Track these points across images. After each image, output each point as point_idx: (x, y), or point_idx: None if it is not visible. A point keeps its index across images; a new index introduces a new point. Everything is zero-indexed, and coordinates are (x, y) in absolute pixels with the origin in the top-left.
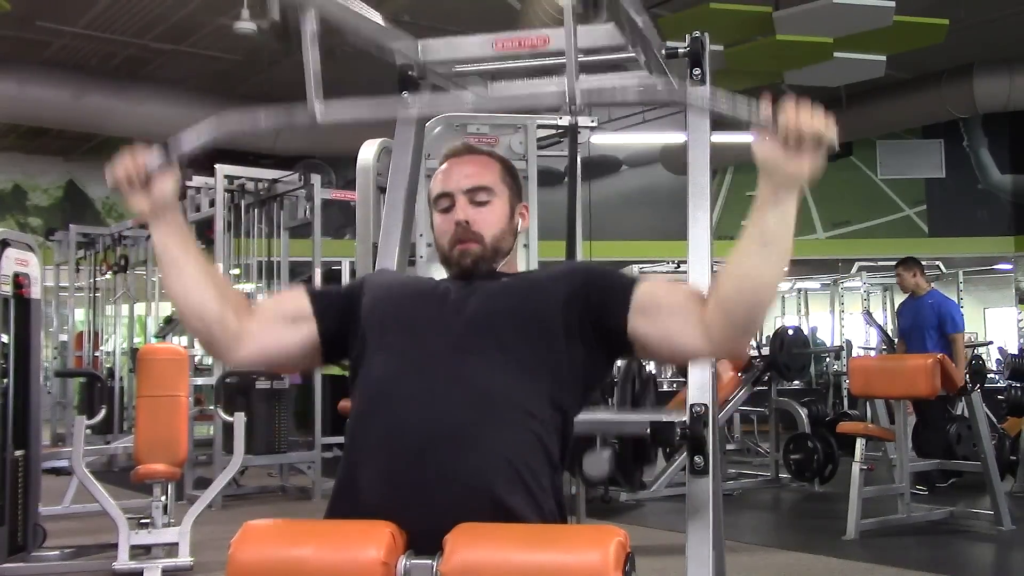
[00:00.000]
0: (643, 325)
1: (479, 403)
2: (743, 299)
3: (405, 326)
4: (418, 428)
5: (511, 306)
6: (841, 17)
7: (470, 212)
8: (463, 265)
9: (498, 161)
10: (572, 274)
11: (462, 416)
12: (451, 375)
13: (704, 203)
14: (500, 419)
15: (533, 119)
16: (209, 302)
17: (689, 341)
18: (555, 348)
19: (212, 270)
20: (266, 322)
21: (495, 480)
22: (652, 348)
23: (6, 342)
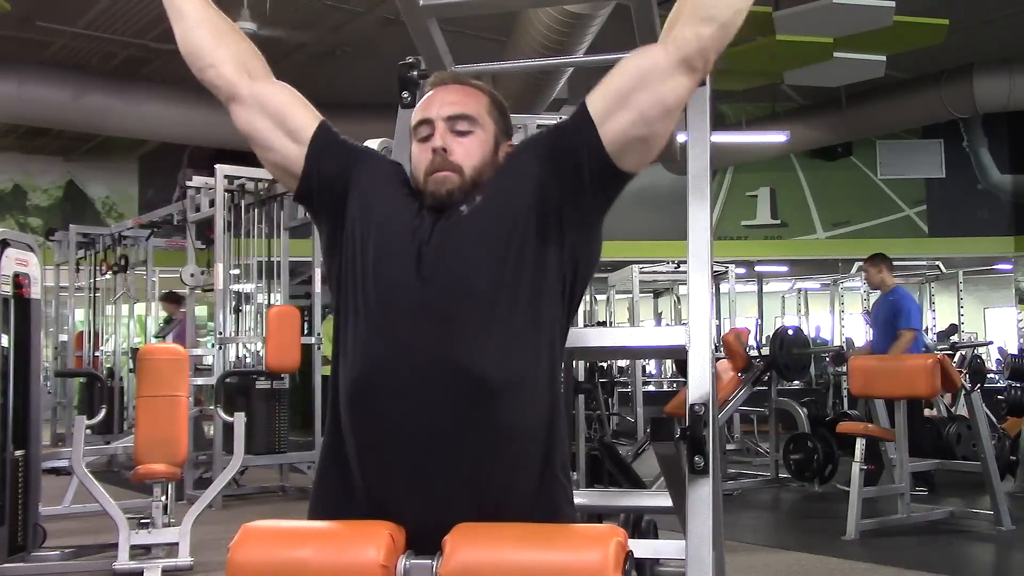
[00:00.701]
0: (618, 128)
1: (474, 393)
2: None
3: (383, 293)
4: (411, 419)
5: (487, 255)
6: (841, 17)
7: (449, 140)
8: (437, 195)
9: (486, 93)
10: (527, 158)
11: (457, 410)
12: (441, 362)
13: (704, 203)
14: (497, 408)
15: (533, 119)
16: (201, 45)
17: (667, 83)
18: (543, 275)
19: (214, 15)
20: (265, 106)
21: (492, 470)
22: (643, 133)
23: (6, 344)
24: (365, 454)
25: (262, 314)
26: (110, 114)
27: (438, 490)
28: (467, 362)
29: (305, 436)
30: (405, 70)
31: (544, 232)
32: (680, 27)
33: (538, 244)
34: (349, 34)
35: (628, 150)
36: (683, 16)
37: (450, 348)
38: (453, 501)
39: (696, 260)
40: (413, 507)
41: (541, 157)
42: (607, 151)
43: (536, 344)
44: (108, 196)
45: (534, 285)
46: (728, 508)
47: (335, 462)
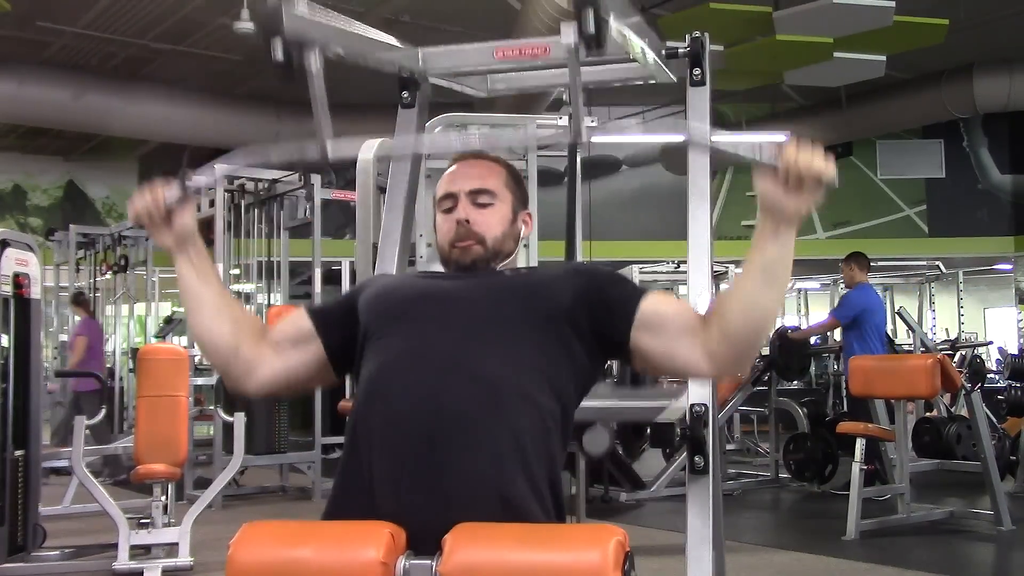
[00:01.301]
0: (646, 340)
1: (480, 390)
2: (746, 326)
3: (404, 319)
4: (418, 418)
5: (514, 300)
6: (841, 17)
7: (471, 212)
8: (462, 262)
9: (504, 167)
10: (578, 275)
11: (463, 403)
12: (451, 364)
13: (704, 203)
14: (502, 407)
15: (533, 119)
16: (225, 335)
17: (692, 362)
18: (558, 344)
19: (229, 301)
20: (276, 350)
21: (497, 469)
22: (652, 362)
23: (6, 344)
24: (371, 450)
25: (262, 314)
26: (110, 114)
27: (438, 490)
28: (479, 367)
29: (305, 436)
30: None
31: (570, 320)
32: (710, 329)
33: (564, 325)
34: None
35: (637, 355)
36: (712, 321)
37: (465, 354)
38: (453, 499)
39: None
40: (416, 508)
41: (587, 282)
42: (629, 340)
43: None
44: (108, 196)
45: (554, 348)
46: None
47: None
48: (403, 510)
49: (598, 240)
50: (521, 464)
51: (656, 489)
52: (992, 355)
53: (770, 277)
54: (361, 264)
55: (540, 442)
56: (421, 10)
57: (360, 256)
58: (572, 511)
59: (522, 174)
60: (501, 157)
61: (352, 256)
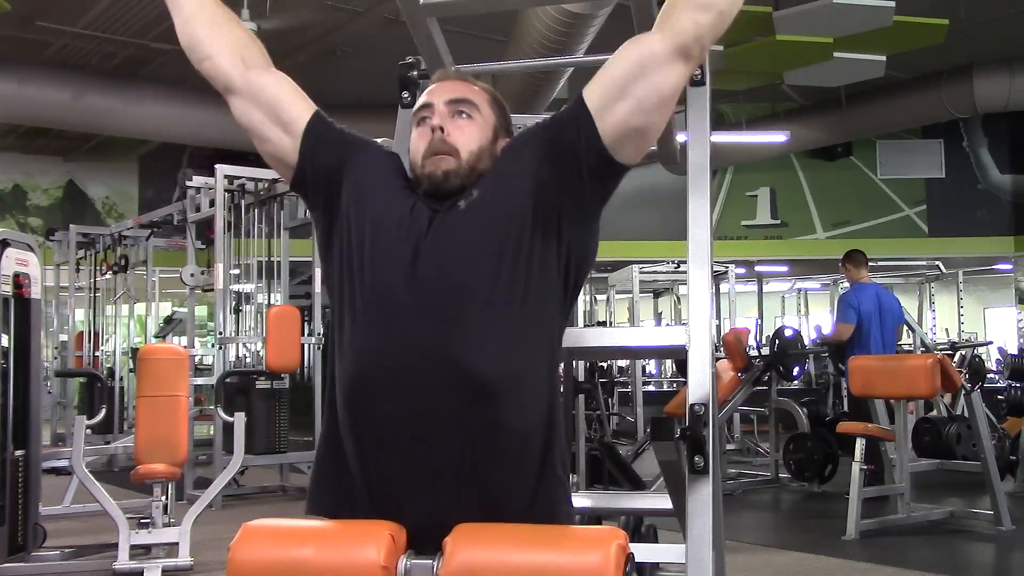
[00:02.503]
0: (616, 120)
1: (472, 392)
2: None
3: (380, 290)
4: (409, 418)
5: (485, 250)
6: (841, 17)
7: (448, 123)
8: (434, 177)
9: (487, 91)
10: (527, 157)
11: (457, 408)
12: (438, 361)
13: (704, 203)
14: (496, 406)
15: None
16: (199, 36)
17: (664, 71)
18: (541, 270)
19: (211, 6)
20: (260, 98)
21: (492, 468)
22: (640, 123)
23: (6, 344)
24: (364, 454)
25: (262, 314)
26: (110, 114)
27: (437, 489)
28: (465, 361)
29: (305, 436)
30: (405, 70)
31: (543, 227)
32: (678, 15)
33: (537, 239)
34: (349, 34)
35: (625, 141)
36: (679, 3)
37: (448, 346)
38: (452, 500)
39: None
40: (412, 507)
41: (539, 151)
42: (605, 143)
43: (535, 340)
44: (108, 196)
45: (532, 281)
46: (728, 508)
47: (334, 462)
48: (398, 508)
49: None
50: (517, 454)
51: (656, 489)
52: (992, 355)
53: None
54: None
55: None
56: None
57: None
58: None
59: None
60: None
61: None
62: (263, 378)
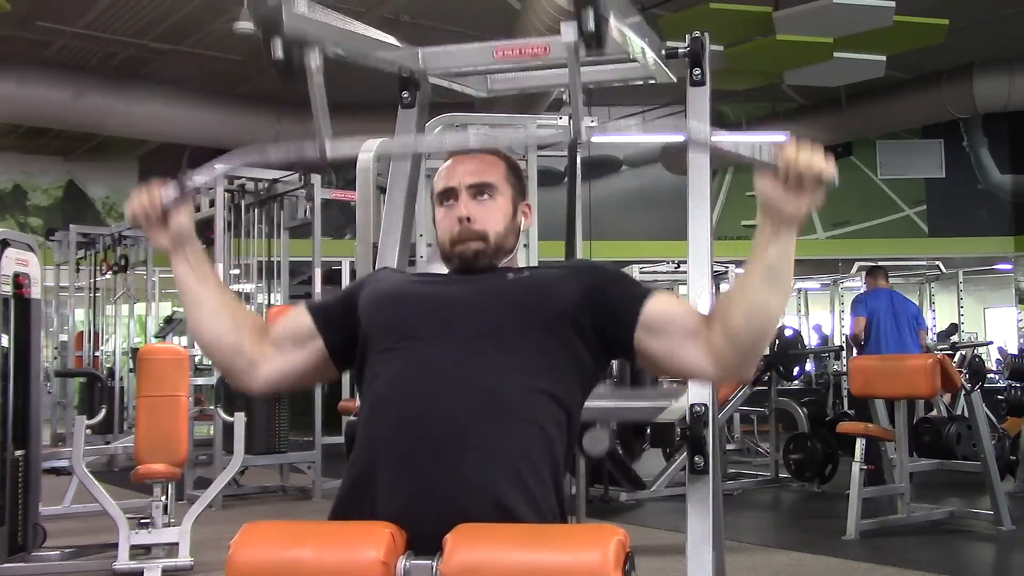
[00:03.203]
0: (650, 341)
1: (483, 402)
2: (750, 328)
3: (407, 326)
4: (422, 425)
5: (516, 304)
6: (841, 17)
7: (472, 208)
8: (464, 256)
9: (502, 159)
10: (580, 274)
11: (465, 416)
12: (456, 376)
13: (704, 203)
14: (504, 418)
15: (533, 119)
16: (226, 334)
17: (696, 364)
18: (561, 348)
19: (228, 299)
20: (278, 347)
21: (497, 480)
22: (656, 363)
23: (6, 344)
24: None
25: (262, 314)
26: (110, 114)
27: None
28: (481, 381)
29: (305, 436)
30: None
31: (573, 321)
32: (713, 329)
33: (567, 329)
34: None
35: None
36: (715, 322)
37: (467, 370)
38: (454, 505)
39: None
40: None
41: (591, 281)
42: (633, 340)
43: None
44: (108, 196)
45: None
46: (728, 508)
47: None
48: (404, 512)
49: (598, 240)
50: (522, 473)
51: (656, 489)
52: (992, 355)
53: (772, 278)
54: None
55: (543, 451)
56: (421, 10)
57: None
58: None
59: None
60: (498, 150)
61: (352, 256)
62: None
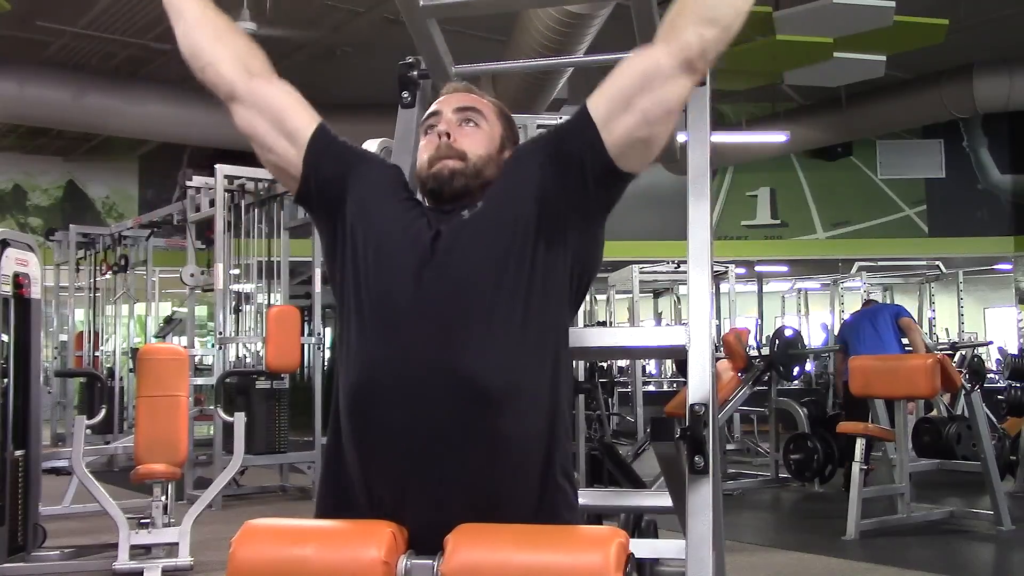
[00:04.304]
0: (621, 131)
1: (475, 399)
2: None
3: (384, 299)
4: (414, 430)
5: (489, 259)
6: (841, 17)
7: (454, 128)
8: (439, 176)
9: (496, 104)
10: (531, 167)
11: (459, 415)
12: (442, 368)
13: (704, 203)
14: (499, 414)
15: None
16: (202, 45)
17: (669, 85)
18: (545, 279)
19: (214, 15)
20: (264, 107)
21: (493, 477)
22: (645, 134)
23: (6, 341)
24: (366, 461)
25: (262, 314)
26: (110, 114)
27: (439, 496)
28: (467, 369)
29: (305, 436)
30: (405, 70)
31: (547, 235)
32: (681, 28)
33: (541, 247)
34: (349, 34)
35: (630, 151)
36: (684, 16)
37: (450, 355)
38: (454, 507)
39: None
40: (414, 513)
41: (543, 161)
42: (609, 153)
43: (538, 350)
44: (108, 196)
45: (536, 289)
46: (728, 508)
47: (336, 471)
48: (404, 511)
49: None
50: (517, 470)
51: (656, 489)
52: (992, 355)
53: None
54: None
55: (538, 436)
56: None
57: None
58: None
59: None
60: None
61: None
62: (263, 378)
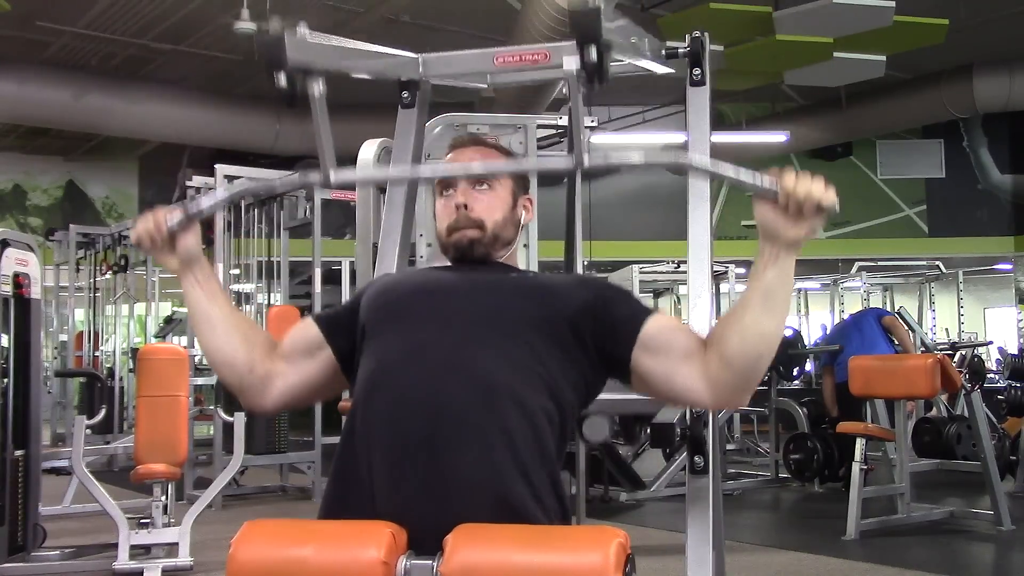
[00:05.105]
0: (647, 362)
1: (480, 394)
2: (747, 352)
3: (403, 317)
4: (418, 419)
5: (515, 300)
6: (841, 17)
7: (470, 196)
8: (460, 245)
9: (503, 153)
10: (584, 287)
11: (462, 407)
12: (451, 364)
13: (704, 203)
14: (497, 408)
15: (533, 119)
16: (239, 353)
17: (692, 388)
18: (558, 348)
19: (239, 318)
20: (288, 361)
21: (495, 470)
22: (651, 385)
23: (5, 347)
24: (373, 451)
25: (262, 314)
26: (110, 114)
27: (439, 496)
28: (475, 368)
29: (305, 436)
30: None
31: (572, 331)
32: (710, 356)
33: (565, 331)
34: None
35: (637, 377)
36: (711, 348)
37: (464, 356)
38: (453, 509)
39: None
40: (416, 509)
41: (594, 294)
42: (630, 359)
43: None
44: (108, 196)
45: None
46: (728, 508)
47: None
48: (403, 510)
49: (598, 240)
50: (518, 465)
51: (656, 489)
52: (992, 355)
53: (770, 303)
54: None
55: (535, 442)
56: (421, 10)
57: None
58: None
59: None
60: (499, 143)
61: (352, 256)
62: None
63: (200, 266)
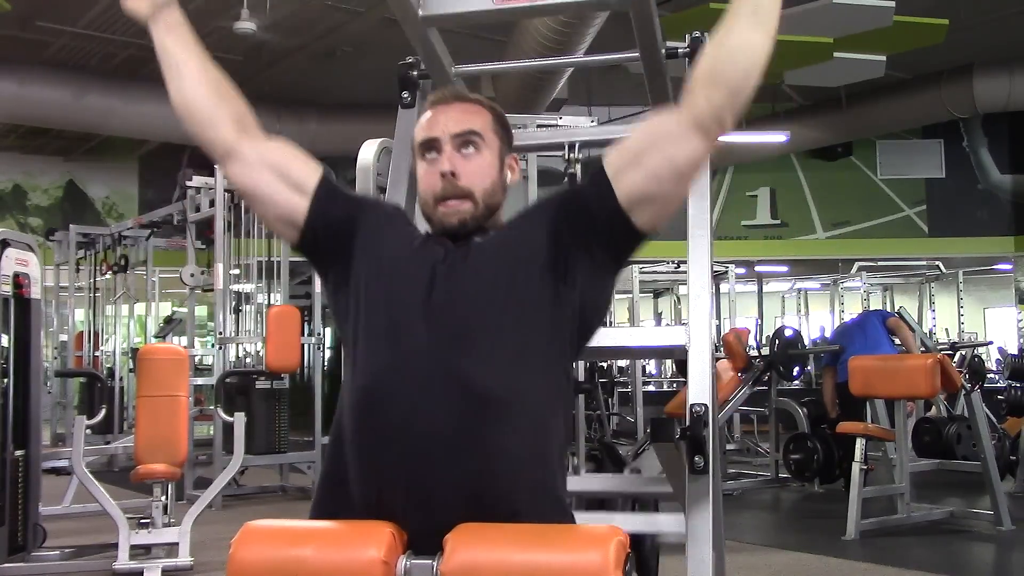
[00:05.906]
0: (631, 185)
1: (475, 404)
2: (736, 63)
3: (394, 309)
4: (415, 432)
5: (498, 280)
6: (841, 17)
7: (457, 162)
8: (448, 225)
9: (488, 108)
10: (545, 210)
11: (459, 419)
12: (445, 373)
13: (704, 203)
14: (497, 420)
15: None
16: (205, 104)
17: (679, 145)
18: (551, 308)
19: (213, 73)
20: (266, 161)
21: (495, 484)
22: (654, 191)
23: (6, 344)
24: (367, 461)
25: (262, 314)
26: (110, 114)
27: (436, 499)
28: (468, 375)
29: (305, 436)
30: (405, 70)
31: (555, 270)
32: (693, 90)
33: (548, 279)
34: (349, 34)
35: (641, 206)
36: (695, 79)
37: (453, 361)
38: (451, 511)
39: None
40: (412, 514)
41: (558, 205)
42: (620, 203)
43: (539, 371)
44: (108, 196)
45: (542, 317)
46: (728, 508)
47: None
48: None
49: None
50: (515, 471)
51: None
52: (992, 355)
53: (758, 15)
54: None
55: (538, 449)
56: None
57: None
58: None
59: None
60: (483, 98)
61: None
62: (263, 378)
63: (170, 11)
